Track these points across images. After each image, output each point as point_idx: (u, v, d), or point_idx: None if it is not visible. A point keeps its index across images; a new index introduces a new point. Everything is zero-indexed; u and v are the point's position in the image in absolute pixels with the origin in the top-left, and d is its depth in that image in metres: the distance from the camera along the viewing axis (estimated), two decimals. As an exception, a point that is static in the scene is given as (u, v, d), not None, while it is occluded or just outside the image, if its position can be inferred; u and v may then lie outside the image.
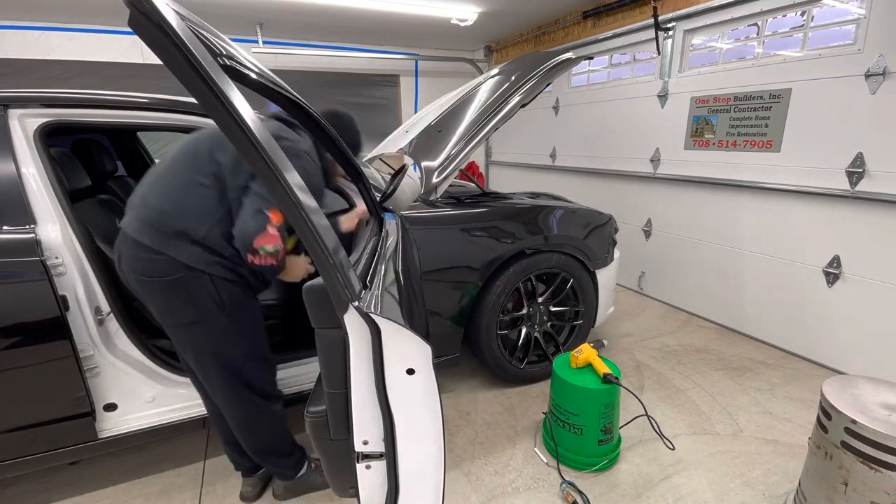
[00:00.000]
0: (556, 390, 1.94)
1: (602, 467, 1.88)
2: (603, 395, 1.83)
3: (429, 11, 4.28)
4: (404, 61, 6.00)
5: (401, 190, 1.77)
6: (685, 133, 3.43)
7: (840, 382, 1.50)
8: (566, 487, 1.75)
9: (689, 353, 2.93)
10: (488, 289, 2.25)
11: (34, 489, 1.82)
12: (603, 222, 2.58)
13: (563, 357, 2.04)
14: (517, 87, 2.31)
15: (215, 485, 1.84)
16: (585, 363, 1.95)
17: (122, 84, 4.82)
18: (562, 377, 1.90)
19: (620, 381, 1.86)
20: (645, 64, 3.86)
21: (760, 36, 2.96)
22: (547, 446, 2.02)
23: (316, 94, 5.71)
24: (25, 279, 1.42)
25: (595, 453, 1.89)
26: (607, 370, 1.86)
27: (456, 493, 1.79)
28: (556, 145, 4.88)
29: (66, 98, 1.58)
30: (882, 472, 1.28)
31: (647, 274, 3.95)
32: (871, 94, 2.39)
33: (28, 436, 1.54)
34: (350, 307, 0.94)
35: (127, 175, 2.87)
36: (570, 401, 1.87)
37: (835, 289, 2.65)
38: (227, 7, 4.05)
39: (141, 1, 0.72)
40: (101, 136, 2.82)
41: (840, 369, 2.66)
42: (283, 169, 0.87)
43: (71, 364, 1.52)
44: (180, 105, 1.74)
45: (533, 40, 5.16)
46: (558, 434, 1.95)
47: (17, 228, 1.44)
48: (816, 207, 2.69)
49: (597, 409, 1.84)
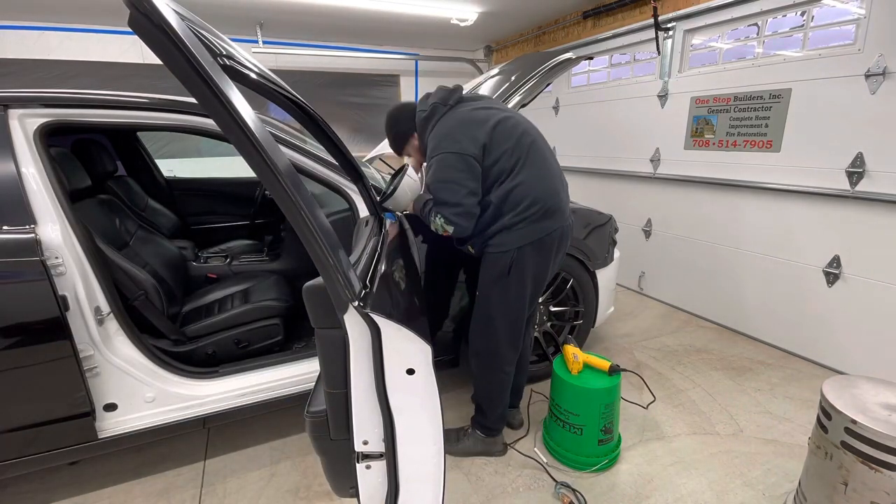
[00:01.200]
0: (556, 390, 1.95)
1: (602, 467, 1.88)
2: (603, 394, 1.83)
3: (429, 11, 4.27)
4: (404, 61, 6.00)
5: (401, 190, 1.77)
6: (685, 133, 3.43)
7: (840, 382, 1.50)
8: (561, 489, 1.75)
9: (689, 353, 2.93)
10: (488, 289, 2.24)
11: (34, 489, 1.82)
12: (603, 222, 2.58)
13: (562, 358, 2.04)
14: (517, 87, 2.31)
15: (215, 485, 1.84)
16: (583, 365, 1.95)
17: (122, 84, 4.82)
18: (562, 377, 1.90)
19: (622, 367, 1.90)
20: (645, 64, 3.86)
21: (760, 36, 2.96)
22: (547, 446, 2.02)
23: (316, 94, 5.71)
24: (25, 279, 1.42)
25: (595, 453, 1.89)
26: (611, 363, 1.89)
27: (456, 493, 1.79)
28: (556, 145, 4.88)
29: (66, 98, 1.58)
30: (882, 472, 1.28)
31: (647, 274, 3.95)
32: (871, 94, 2.39)
33: (28, 436, 1.54)
34: (350, 307, 0.94)
35: (127, 175, 2.88)
36: (570, 401, 1.88)
37: (835, 289, 2.65)
38: (227, 7, 4.05)
39: (141, 1, 0.72)
40: (101, 136, 2.83)
41: (840, 369, 2.66)
42: (283, 168, 0.87)
43: (71, 364, 1.52)
44: (180, 105, 1.74)
45: (533, 40, 5.16)
46: (558, 434, 1.95)
47: (17, 228, 1.44)
48: (816, 207, 2.69)
49: (597, 409, 1.84)
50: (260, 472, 1.90)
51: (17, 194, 1.46)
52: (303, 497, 1.77)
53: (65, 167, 1.88)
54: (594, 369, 1.92)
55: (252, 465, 1.94)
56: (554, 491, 1.77)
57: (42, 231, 1.47)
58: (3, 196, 1.45)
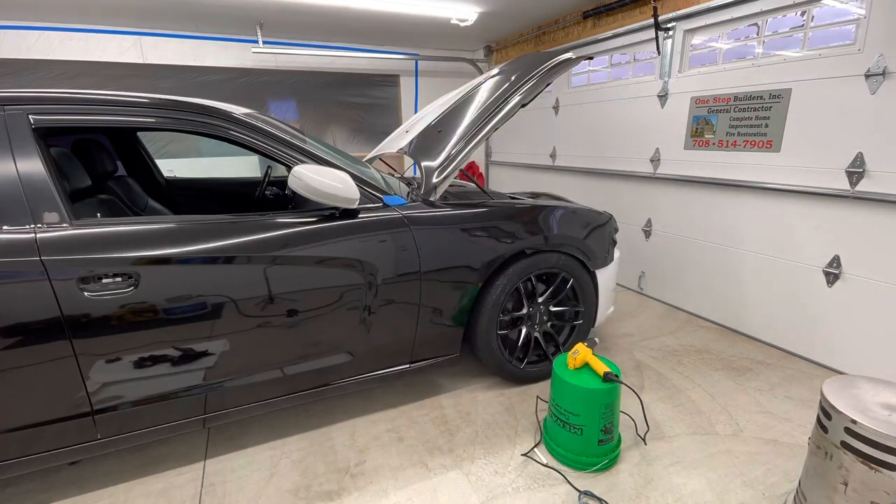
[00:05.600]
0: (556, 390, 1.94)
1: (602, 467, 1.88)
2: (603, 395, 1.83)
3: (429, 11, 4.27)
4: (404, 61, 6.00)
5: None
6: (685, 133, 3.43)
7: (840, 382, 1.50)
8: (584, 499, 1.74)
9: (689, 353, 2.93)
10: (488, 289, 2.25)
11: (34, 489, 1.82)
12: (603, 222, 2.58)
13: (563, 357, 2.04)
14: (517, 87, 2.31)
15: (215, 485, 1.84)
16: (583, 363, 1.95)
17: (122, 84, 4.82)
18: (561, 377, 1.90)
19: (620, 378, 1.86)
20: (645, 64, 3.86)
21: (760, 36, 2.96)
22: (547, 447, 2.02)
23: (316, 94, 5.71)
24: (25, 279, 1.42)
25: (595, 453, 1.89)
26: (606, 369, 1.86)
27: (456, 492, 1.79)
28: (557, 145, 4.88)
29: (65, 98, 1.59)
30: (882, 472, 1.28)
31: (647, 274, 3.95)
32: (871, 94, 2.39)
33: (28, 436, 1.54)
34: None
35: (127, 175, 2.88)
36: (570, 401, 1.87)
37: (835, 289, 2.65)
38: (227, 7, 4.05)
39: None
40: (101, 136, 2.83)
41: (840, 369, 2.66)
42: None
43: (71, 364, 1.52)
44: (180, 105, 1.74)
45: (533, 40, 5.16)
46: (559, 434, 1.95)
47: (17, 228, 1.45)
48: (816, 207, 2.69)
49: (597, 410, 1.84)
50: (260, 472, 1.90)
51: (17, 194, 1.46)
52: (303, 497, 1.77)
53: (65, 167, 1.88)
54: (593, 370, 1.92)
55: (252, 465, 1.94)
56: (578, 501, 1.75)
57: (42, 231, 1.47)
58: (2, 196, 1.45)
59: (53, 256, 1.45)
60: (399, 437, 2.12)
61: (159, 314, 1.59)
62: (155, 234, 1.60)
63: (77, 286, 1.47)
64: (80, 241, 1.50)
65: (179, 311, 1.62)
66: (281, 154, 1.87)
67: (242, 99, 5.27)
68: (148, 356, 1.63)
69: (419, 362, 2.20)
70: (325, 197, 1.77)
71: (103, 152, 2.39)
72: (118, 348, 1.57)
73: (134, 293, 1.55)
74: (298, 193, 1.76)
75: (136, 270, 1.54)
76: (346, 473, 1.89)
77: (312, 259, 1.80)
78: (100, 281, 1.50)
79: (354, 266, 1.88)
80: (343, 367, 2.00)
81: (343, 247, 1.86)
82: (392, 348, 2.09)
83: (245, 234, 1.72)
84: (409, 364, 2.17)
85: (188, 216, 1.69)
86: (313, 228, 1.83)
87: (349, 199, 1.82)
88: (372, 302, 1.95)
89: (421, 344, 2.15)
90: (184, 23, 4.57)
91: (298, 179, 1.73)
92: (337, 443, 2.08)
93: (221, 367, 1.76)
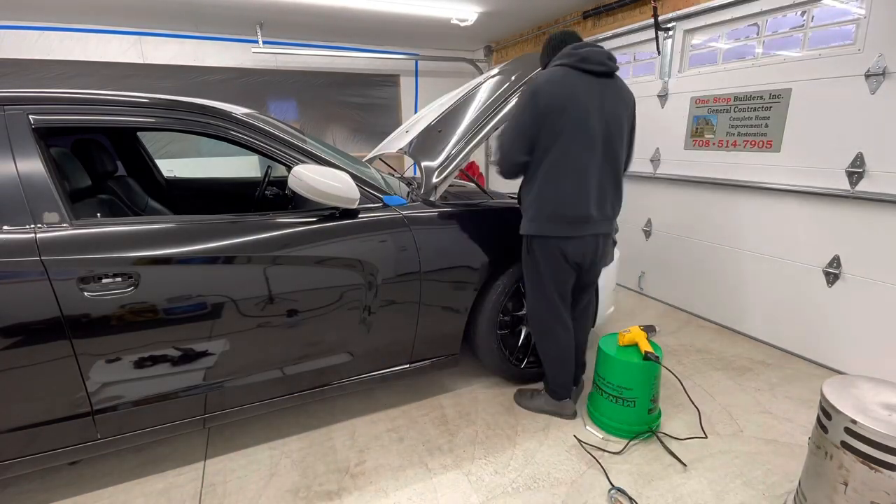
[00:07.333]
0: (607, 370, 2.10)
1: (647, 436, 2.09)
2: (655, 368, 2.03)
3: (429, 11, 4.28)
4: (404, 61, 6.00)
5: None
6: (685, 133, 3.43)
7: (840, 382, 1.50)
8: (615, 494, 1.75)
9: (689, 352, 2.93)
10: (488, 289, 2.25)
11: (34, 489, 1.82)
12: (603, 222, 2.58)
13: (609, 338, 2.21)
14: (517, 87, 2.31)
15: (215, 485, 1.84)
16: (632, 342, 2.10)
17: (123, 84, 4.82)
18: (615, 357, 2.06)
19: (661, 360, 2.01)
20: (645, 64, 3.86)
21: (760, 36, 2.96)
22: (593, 419, 2.20)
23: (316, 94, 5.72)
24: (25, 279, 1.42)
25: (646, 421, 2.09)
26: (650, 349, 2.03)
27: (456, 493, 1.79)
28: (556, 145, 4.87)
29: (65, 98, 1.58)
30: (882, 472, 1.28)
31: (647, 274, 3.95)
32: (870, 94, 2.39)
33: (28, 436, 1.54)
34: None
35: (127, 175, 2.88)
36: (623, 377, 2.04)
37: (835, 289, 2.65)
38: (227, 7, 4.05)
39: None
40: (101, 136, 2.83)
41: (840, 369, 2.66)
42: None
43: (71, 364, 1.52)
44: (180, 105, 1.74)
45: (533, 40, 5.16)
46: (608, 408, 2.12)
47: (17, 228, 1.45)
48: (816, 207, 2.69)
49: (648, 382, 2.03)
50: (260, 472, 1.90)
51: (17, 194, 1.46)
52: (303, 497, 1.77)
53: (65, 167, 1.88)
54: (637, 349, 2.09)
55: (252, 465, 1.94)
56: (608, 495, 1.75)
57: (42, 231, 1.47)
58: (2, 196, 1.45)
59: (53, 256, 1.45)
60: (399, 437, 2.12)
61: (159, 314, 1.59)
62: (155, 235, 1.60)
63: (77, 286, 1.47)
64: (80, 241, 1.50)
65: (179, 311, 1.62)
66: (281, 154, 1.87)
67: (242, 99, 5.27)
68: (148, 356, 1.63)
69: (419, 362, 2.20)
70: (325, 197, 1.77)
71: (103, 152, 2.39)
72: (118, 348, 1.57)
73: (134, 293, 1.54)
74: (298, 193, 1.76)
75: (136, 270, 1.54)
76: (347, 473, 1.89)
77: (312, 259, 1.80)
78: (100, 281, 1.50)
79: (354, 266, 1.88)
80: (343, 367, 2.00)
81: (343, 247, 1.86)
82: (392, 348, 2.09)
83: (245, 234, 1.71)
84: (409, 364, 2.17)
85: (188, 216, 1.69)
86: (313, 228, 1.83)
87: (349, 199, 1.82)
88: (372, 302, 1.94)
89: (421, 344, 2.15)
90: (184, 23, 4.57)
91: (298, 179, 1.73)
92: (337, 443, 2.08)
93: (221, 367, 1.75)
